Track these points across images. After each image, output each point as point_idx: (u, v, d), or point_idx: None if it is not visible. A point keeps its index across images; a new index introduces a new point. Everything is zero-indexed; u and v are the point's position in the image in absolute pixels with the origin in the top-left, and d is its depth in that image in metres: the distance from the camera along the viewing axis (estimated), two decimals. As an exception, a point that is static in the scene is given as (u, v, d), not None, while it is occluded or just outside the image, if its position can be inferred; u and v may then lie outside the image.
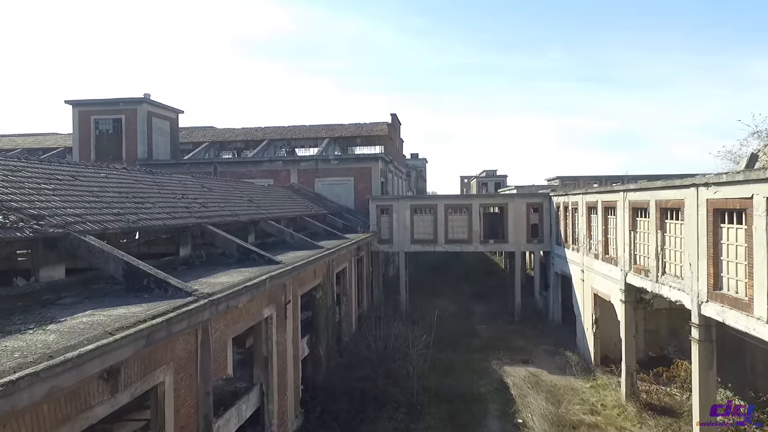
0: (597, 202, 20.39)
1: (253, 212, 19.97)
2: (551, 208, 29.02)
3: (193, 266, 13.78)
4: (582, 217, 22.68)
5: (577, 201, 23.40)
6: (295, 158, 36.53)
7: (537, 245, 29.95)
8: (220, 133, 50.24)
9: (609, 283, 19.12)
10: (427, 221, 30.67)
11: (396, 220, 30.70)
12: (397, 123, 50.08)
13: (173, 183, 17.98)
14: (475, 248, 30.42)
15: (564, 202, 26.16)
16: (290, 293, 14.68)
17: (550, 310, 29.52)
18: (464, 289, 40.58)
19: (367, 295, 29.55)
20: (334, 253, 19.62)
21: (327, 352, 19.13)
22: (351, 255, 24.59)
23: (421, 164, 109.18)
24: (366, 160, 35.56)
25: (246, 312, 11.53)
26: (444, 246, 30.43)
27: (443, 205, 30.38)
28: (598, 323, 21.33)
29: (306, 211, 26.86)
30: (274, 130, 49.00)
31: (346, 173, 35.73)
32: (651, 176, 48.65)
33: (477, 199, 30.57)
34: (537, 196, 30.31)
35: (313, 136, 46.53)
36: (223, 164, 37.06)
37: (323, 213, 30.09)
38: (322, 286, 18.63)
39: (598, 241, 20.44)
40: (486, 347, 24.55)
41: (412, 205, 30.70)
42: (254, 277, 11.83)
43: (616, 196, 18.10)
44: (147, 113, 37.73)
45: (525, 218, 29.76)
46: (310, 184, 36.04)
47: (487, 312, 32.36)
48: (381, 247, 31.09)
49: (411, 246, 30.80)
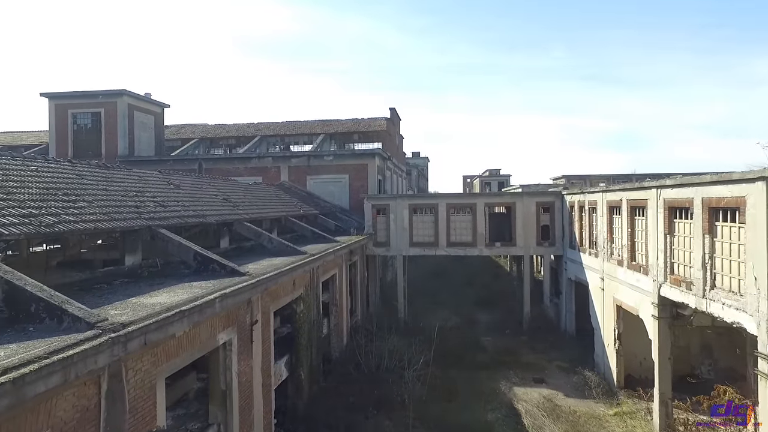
0: (621, 200, 17.77)
1: (227, 213, 17.43)
2: (564, 207, 26.40)
3: (138, 279, 11.26)
4: (602, 218, 20.06)
5: (596, 200, 20.77)
6: (285, 154, 34.01)
7: (548, 249, 27.33)
8: (211, 130, 47.75)
9: (637, 295, 16.50)
10: (428, 222, 28.09)
11: (393, 221, 28.13)
12: (396, 118, 47.52)
13: (130, 179, 15.43)
14: (480, 252, 27.84)
15: (579, 202, 23.53)
16: (258, 311, 12.11)
17: (563, 319, 26.89)
18: (468, 295, 38.04)
19: (361, 303, 26.99)
20: (318, 259, 17.06)
21: (310, 374, 16.56)
22: (342, 260, 22.04)
23: (422, 163, 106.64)
24: (362, 156, 32.99)
25: (190, 340, 8.98)
26: (446, 249, 27.84)
27: (445, 204, 27.79)
28: (621, 338, 18.71)
29: (293, 212, 24.31)
30: (267, 126, 46.52)
31: (340, 170, 33.18)
32: (660, 175, 45.88)
33: (482, 198, 28.00)
34: (548, 195, 27.69)
35: (307, 132, 44.00)
36: (209, 161, 34.56)
37: (314, 213, 27.55)
38: (303, 299, 16.07)
39: (622, 245, 17.82)
40: (493, 363, 21.93)
41: (411, 205, 28.13)
42: (204, 295, 9.29)
43: (647, 193, 15.49)
44: (128, 106, 35.25)
45: (535, 219, 27.14)
46: (301, 182, 33.51)
47: (492, 321, 29.76)
48: (377, 250, 28.52)
49: (410, 249, 28.22)
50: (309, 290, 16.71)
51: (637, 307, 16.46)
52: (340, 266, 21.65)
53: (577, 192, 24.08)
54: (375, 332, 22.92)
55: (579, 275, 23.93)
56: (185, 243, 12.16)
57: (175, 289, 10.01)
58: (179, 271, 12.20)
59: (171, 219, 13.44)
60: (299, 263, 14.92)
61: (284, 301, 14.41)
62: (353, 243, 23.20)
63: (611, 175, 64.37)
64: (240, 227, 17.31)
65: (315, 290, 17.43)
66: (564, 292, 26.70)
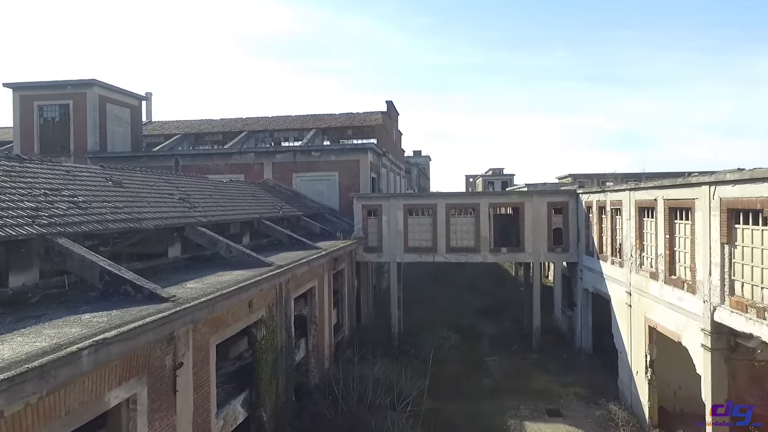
0: (656, 201, 14.63)
1: (178, 215, 14.36)
2: (579, 208, 23.26)
3: (18, 308, 8.22)
4: (629, 222, 16.92)
5: (621, 200, 17.63)
6: (268, 149, 30.94)
7: (560, 255, 24.18)
8: (196, 125, 44.75)
9: (678, 317, 13.36)
10: (425, 225, 24.99)
11: (386, 224, 25.04)
12: (393, 112, 44.42)
13: (46, 175, 12.39)
14: (484, 258, 24.71)
15: (599, 202, 20.38)
16: (188, 348, 9.04)
17: (578, 334, 23.76)
18: (470, 303, 34.98)
19: (350, 317, 23.91)
20: (287, 272, 13.97)
21: (276, 413, 13.46)
22: (324, 270, 18.97)
23: (423, 162, 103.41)
24: (352, 151, 29.90)
25: (44, 411, 5.91)
26: (445, 255, 24.72)
27: (444, 205, 24.67)
28: (653, 366, 15.58)
29: (270, 213, 21.24)
30: (255, 121, 43.51)
31: (329, 167, 30.10)
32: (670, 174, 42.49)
33: (486, 198, 24.86)
34: (561, 194, 24.55)
35: (298, 127, 40.96)
36: (185, 157, 31.51)
37: (296, 215, 24.48)
38: (265, 322, 12.98)
39: (657, 255, 14.67)
40: (498, 390, 18.84)
41: (407, 206, 25.01)
42: (77, 339, 6.24)
43: (695, 191, 12.35)
44: (99, 98, 32.25)
45: (546, 221, 24.00)
46: (287, 180, 30.46)
47: (497, 335, 26.67)
48: (368, 256, 25.43)
49: (405, 255, 25.11)
50: (274, 310, 13.63)
51: (679, 332, 13.32)
52: (320, 277, 18.57)
53: (595, 191, 20.94)
54: (362, 353, 19.91)
55: (598, 286, 20.80)
56: (90, 257, 9.08)
57: (55, 326, 6.96)
58: (84, 296, 9.16)
59: (85, 224, 10.38)
60: (258, 279, 11.84)
61: (235, 328, 11.32)
62: (338, 249, 20.12)
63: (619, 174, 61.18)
64: (192, 233, 14.24)
65: (284, 309, 14.35)
66: (579, 304, 23.56)
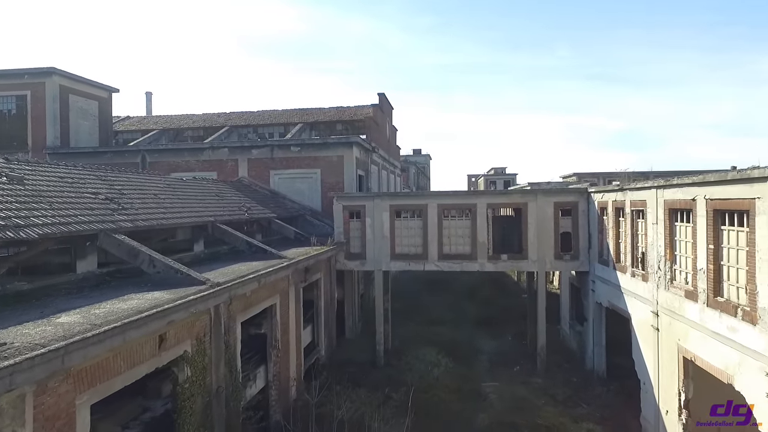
0: (694, 201, 11.58)
1: (88, 220, 11.35)
2: (591, 210, 20.22)
3: None
4: (655, 227, 13.87)
5: (645, 200, 14.58)
6: (243, 144, 27.93)
7: (569, 263, 21.12)
8: (175, 120, 41.85)
9: (729, 352, 10.30)
10: (414, 228, 21.96)
11: (370, 227, 22.02)
12: (387, 106, 41.40)
13: None
14: (481, 267, 21.63)
15: (616, 203, 17.32)
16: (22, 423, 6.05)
17: (589, 353, 20.72)
18: (468, 312, 31.98)
19: (327, 333, 20.89)
20: (223, 292, 10.97)
21: (207, 475, 10.46)
22: (289, 283, 15.96)
23: (423, 160, 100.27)
24: (336, 146, 26.88)
25: None
26: (437, 263, 21.68)
27: (436, 205, 21.64)
28: (690, 407, 12.52)
29: (231, 216, 18.26)
30: (239, 116, 40.60)
31: (310, 164, 27.11)
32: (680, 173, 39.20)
33: (484, 198, 21.80)
34: (569, 194, 21.47)
35: (283, 121, 38.00)
36: (153, 153, 28.55)
37: (267, 218, 21.50)
38: (190, 359, 9.97)
39: (696, 270, 11.61)
40: (498, 428, 15.80)
41: (393, 206, 21.99)
42: None
43: (755, 189, 9.30)
44: (59, 89, 29.33)
45: (552, 224, 20.95)
46: (264, 177, 27.49)
47: (497, 352, 23.66)
48: (349, 264, 22.42)
49: (391, 263, 22.09)
50: (207, 341, 10.63)
51: (730, 371, 10.26)
52: (283, 292, 15.57)
53: (611, 189, 17.87)
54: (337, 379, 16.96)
55: (614, 301, 17.75)
56: None
57: None
58: None
59: None
60: (173, 306, 8.85)
61: (133, 375, 8.30)
62: (307, 258, 17.11)
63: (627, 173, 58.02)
64: (108, 242, 11.25)
65: (224, 337, 11.35)
66: (591, 319, 20.51)
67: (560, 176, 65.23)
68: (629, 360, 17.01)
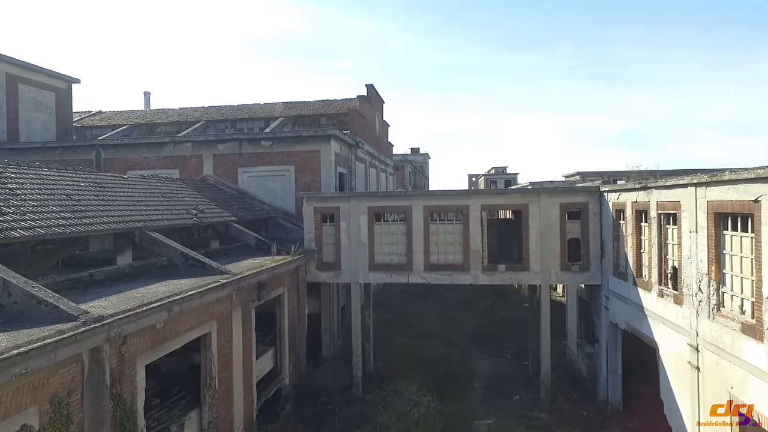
0: (757, 203, 8.43)
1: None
2: (604, 213, 17.09)
3: None
4: (694, 236, 10.73)
5: (679, 201, 11.44)
6: (208, 138, 24.82)
7: (577, 275, 17.96)
8: (149, 115, 38.85)
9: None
10: (397, 234, 18.84)
11: (345, 233, 18.90)
12: (376, 99, 38.24)
13: None
14: (475, 279, 18.47)
15: (637, 204, 14.17)
16: None
17: (601, 381, 17.58)
18: (464, 325, 29.09)
19: (293, 357, 17.74)
20: (102, 331, 7.86)
21: None
22: (231, 304, 12.85)
23: (422, 159, 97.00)
24: (312, 140, 23.74)
25: None
26: (423, 275, 18.55)
27: (422, 207, 18.51)
28: (745, 478, 9.37)
29: (172, 221, 15.14)
30: (217, 110, 37.52)
31: (283, 160, 23.99)
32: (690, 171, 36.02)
33: (478, 199, 18.66)
34: (577, 193, 18.29)
35: (264, 115, 34.87)
36: (109, 149, 25.43)
37: (224, 222, 18.40)
38: (49, 421, 6.86)
39: (762, 298, 8.47)
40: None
41: (373, 209, 18.86)
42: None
43: None
44: (6, 77, 26.27)
45: (558, 229, 17.81)
46: (232, 175, 24.39)
47: (494, 375, 20.60)
48: (322, 275, 19.29)
49: (370, 274, 18.95)
50: (74, 403, 7.52)
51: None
52: (224, 316, 12.45)
53: (631, 188, 14.69)
54: (301, 418, 13.94)
55: (633, 323, 14.62)
56: None
57: None
58: None
59: None
60: None
61: None
62: (260, 273, 13.98)
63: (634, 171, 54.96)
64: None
65: (110, 392, 8.23)
66: (603, 341, 17.36)
67: (563, 175, 62.36)
68: (650, 387, 14.01)
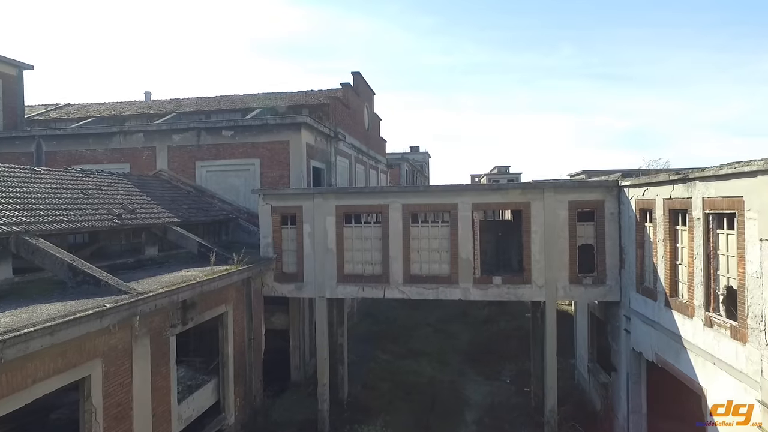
0: None
1: None
2: (623, 213, 13.81)
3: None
4: (766, 246, 7.44)
5: (741, 197, 8.14)
6: (161, 128, 21.65)
7: (591, 290, 14.63)
8: (118, 107, 35.72)
9: None
10: (371, 239, 15.59)
11: (309, 237, 15.67)
12: (365, 90, 34.97)
13: None
14: (464, 294, 15.14)
15: (671, 202, 10.88)
16: None
17: (620, 420, 14.28)
18: (458, 339, 26.08)
19: (238, 392, 14.49)
20: None
21: None
22: (133, 335, 9.64)
23: (421, 158, 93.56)
24: (279, 129, 20.51)
25: None
26: (402, 288, 15.27)
27: (401, 206, 15.24)
28: None
29: (75, 224, 11.95)
30: (191, 102, 34.40)
31: (247, 152, 20.79)
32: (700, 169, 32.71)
33: (468, 196, 15.35)
34: (590, 190, 14.94)
35: (241, 106, 31.66)
36: (51, 140, 22.28)
37: (161, 224, 15.19)
38: None
39: None
40: None
41: (342, 208, 15.62)
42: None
43: None
44: (-61, 59, 23.27)
45: (566, 233, 14.51)
46: (189, 170, 21.22)
47: (490, 405, 17.48)
48: (281, 288, 16.03)
49: (338, 287, 15.68)
50: None
51: None
52: (112, 353, 9.23)
53: (663, 180, 11.36)
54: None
55: (665, 356, 11.33)
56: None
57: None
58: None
59: None
60: None
61: None
62: (183, 290, 10.78)
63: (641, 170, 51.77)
64: None
65: None
66: (624, 371, 14.06)
67: (568, 174, 59.11)
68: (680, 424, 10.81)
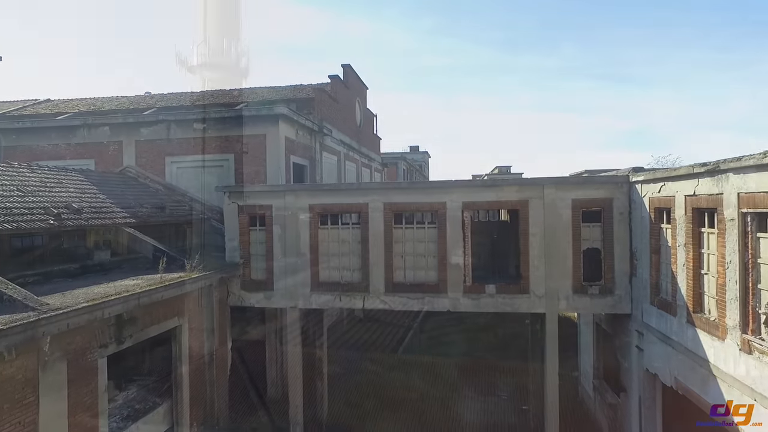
0: None
1: None
2: (635, 212, 12.05)
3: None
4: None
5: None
6: (127, 120, 19.97)
7: (597, 300, 12.85)
8: (98, 102, 34.02)
9: None
10: (349, 242, 13.85)
11: (280, 239, 13.94)
12: (356, 84, 33.23)
13: None
14: (453, 304, 13.37)
15: (694, 199, 9.12)
16: None
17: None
18: (451, 346, 24.63)
19: (196, 416, 12.76)
20: None
21: None
22: (44, 360, 7.93)
23: (421, 158, 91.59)
24: (255, 121, 18.81)
25: None
26: (383, 298, 13.52)
27: (382, 206, 13.49)
28: None
29: None
30: (176, 97, 32.67)
31: (221, 147, 19.10)
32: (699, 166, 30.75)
33: (458, 193, 13.56)
34: (597, 186, 13.14)
35: (226, 101, 29.94)
36: (10, 134, 20.61)
37: (114, 224, 13.48)
38: None
39: None
40: None
41: (316, 207, 13.88)
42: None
43: None
44: None
45: (570, 236, 12.74)
46: (158, 166, 19.54)
47: (486, 426, 15.74)
48: (249, 297, 14.29)
49: (312, 296, 13.93)
50: None
51: None
52: (8, 387, 7.51)
53: (685, 174, 9.57)
54: None
55: (689, 383, 9.56)
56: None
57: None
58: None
59: None
60: None
61: None
62: (108, 304, 9.06)
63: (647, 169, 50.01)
64: None
65: None
66: (635, 394, 12.29)
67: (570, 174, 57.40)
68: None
